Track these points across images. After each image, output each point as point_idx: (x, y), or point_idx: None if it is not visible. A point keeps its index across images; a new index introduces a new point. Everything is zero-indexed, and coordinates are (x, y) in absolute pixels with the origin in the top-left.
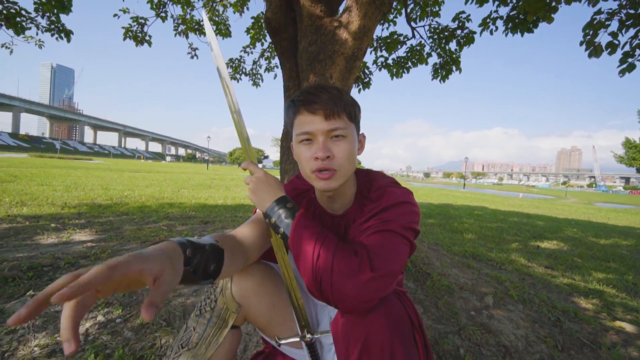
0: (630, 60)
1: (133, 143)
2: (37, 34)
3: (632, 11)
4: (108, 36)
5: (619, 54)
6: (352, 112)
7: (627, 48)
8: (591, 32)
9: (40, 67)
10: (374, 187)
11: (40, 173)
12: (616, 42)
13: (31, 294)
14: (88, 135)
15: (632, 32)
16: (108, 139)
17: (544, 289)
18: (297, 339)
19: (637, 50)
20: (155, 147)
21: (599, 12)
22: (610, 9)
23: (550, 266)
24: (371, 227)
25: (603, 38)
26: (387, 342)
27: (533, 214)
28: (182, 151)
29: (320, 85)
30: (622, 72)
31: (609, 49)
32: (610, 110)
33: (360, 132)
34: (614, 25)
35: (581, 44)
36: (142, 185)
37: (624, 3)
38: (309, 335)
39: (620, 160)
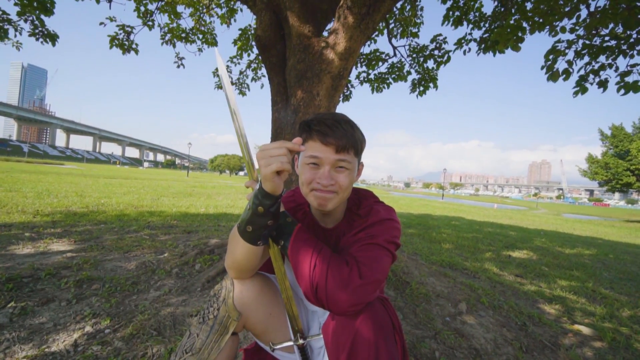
0: (584, 83)
1: (109, 148)
2: (15, 36)
3: (587, 42)
4: (86, 38)
5: (573, 78)
6: (359, 148)
7: (581, 72)
8: (551, 58)
9: (10, 67)
10: (363, 205)
11: (7, 178)
12: (571, 70)
13: (13, 305)
14: (60, 138)
15: (587, 59)
16: (82, 143)
17: (513, 295)
18: (291, 343)
19: (591, 75)
20: (133, 152)
21: (559, 41)
22: (568, 39)
23: (519, 274)
24: (360, 240)
25: (560, 65)
26: (373, 341)
27: (506, 225)
28: (160, 157)
29: (337, 120)
30: (575, 94)
31: (564, 75)
32: (576, 127)
33: (360, 162)
34: (570, 54)
35: (542, 68)
36: (119, 193)
37: (582, 34)
38: (301, 340)
39: (584, 174)
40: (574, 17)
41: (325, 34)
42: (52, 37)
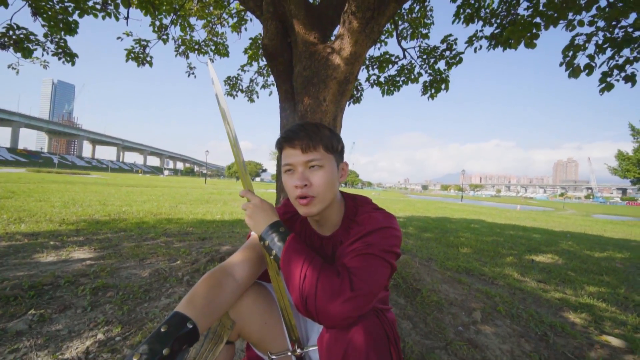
0: (609, 79)
1: (131, 157)
2: (42, 55)
3: (608, 34)
4: (110, 53)
5: (596, 74)
6: (330, 144)
7: (604, 68)
8: (570, 54)
9: (42, 84)
10: (360, 211)
11: (38, 188)
12: (593, 64)
13: (32, 312)
14: (87, 149)
15: (609, 53)
16: (107, 153)
17: (534, 303)
18: (288, 353)
19: (615, 70)
20: (154, 161)
21: (578, 34)
22: (587, 32)
23: (543, 280)
24: (355, 250)
25: (581, 60)
26: (364, 354)
27: (530, 227)
28: (180, 165)
29: (300, 124)
30: (601, 91)
31: (587, 70)
32: (603, 122)
33: (343, 161)
34: (591, 48)
35: (561, 64)
36: (139, 201)
37: (602, 26)
38: (299, 350)
39: (615, 172)
40: (592, 8)
41: (332, 39)
42: (71, 57)
